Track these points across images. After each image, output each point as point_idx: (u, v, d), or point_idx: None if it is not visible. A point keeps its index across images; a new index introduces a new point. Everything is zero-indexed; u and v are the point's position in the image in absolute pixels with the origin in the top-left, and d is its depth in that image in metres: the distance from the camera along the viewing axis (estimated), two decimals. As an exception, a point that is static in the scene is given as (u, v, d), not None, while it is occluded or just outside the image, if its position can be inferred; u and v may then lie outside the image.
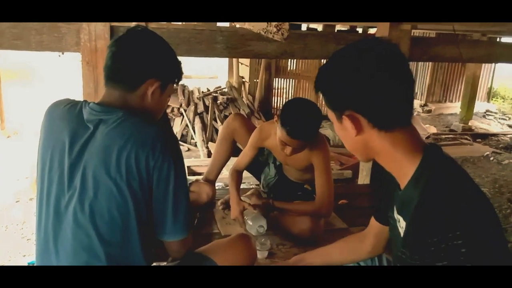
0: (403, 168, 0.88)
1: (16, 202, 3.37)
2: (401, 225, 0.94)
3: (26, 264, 2.47)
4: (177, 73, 1.24)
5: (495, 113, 8.16)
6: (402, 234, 0.93)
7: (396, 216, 0.97)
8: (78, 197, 1.05)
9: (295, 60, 7.09)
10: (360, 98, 0.85)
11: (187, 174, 2.24)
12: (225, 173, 2.60)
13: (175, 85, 1.27)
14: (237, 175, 2.23)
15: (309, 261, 1.38)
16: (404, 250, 0.90)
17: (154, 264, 1.30)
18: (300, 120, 1.83)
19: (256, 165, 2.35)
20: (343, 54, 0.91)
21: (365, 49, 0.88)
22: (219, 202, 2.34)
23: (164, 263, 1.33)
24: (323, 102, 0.93)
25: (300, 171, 2.24)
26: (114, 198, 1.03)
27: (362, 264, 1.38)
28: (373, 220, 1.27)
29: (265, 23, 2.32)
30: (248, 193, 2.38)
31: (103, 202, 1.03)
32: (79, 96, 1.98)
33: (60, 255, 1.07)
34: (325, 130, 5.86)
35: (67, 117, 1.13)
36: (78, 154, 1.07)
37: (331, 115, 0.93)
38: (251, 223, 2.02)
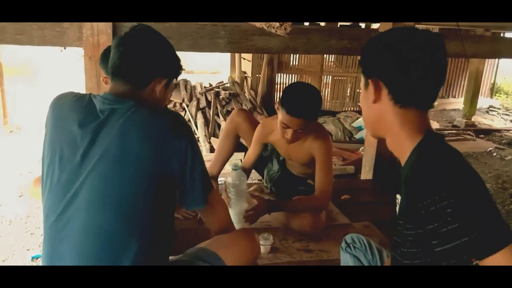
0: (405, 148, 0.94)
1: (20, 196, 3.39)
2: (399, 202, 0.99)
3: (30, 258, 2.49)
4: (180, 69, 1.30)
5: (498, 108, 8.13)
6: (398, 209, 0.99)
7: (397, 196, 1.02)
8: (91, 184, 1.06)
9: (297, 55, 7.07)
10: (388, 68, 0.94)
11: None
12: (228, 168, 2.60)
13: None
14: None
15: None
16: (400, 222, 0.95)
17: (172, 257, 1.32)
18: (299, 97, 1.87)
19: (259, 161, 2.35)
20: (393, 30, 1.00)
21: (412, 32, 0.96)
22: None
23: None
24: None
25: (303, 166, 2.24)
26: (128, 184, 1.06)
27: (363, 263, 1.39)
28: None
29: (268, 18, 2.31)
30: (251, 188, 2.39)
31: (116, 188, 1.06)
32: (81, 91, 1.98)
33: (70, 243, 1.07)
34: (328, 126, 5.86)
35: (76, 108, 1.15)
36: (90, 142, 1.08)
37: (362, 82, 1.02)
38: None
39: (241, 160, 2.50)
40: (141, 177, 1.07)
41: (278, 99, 2.32)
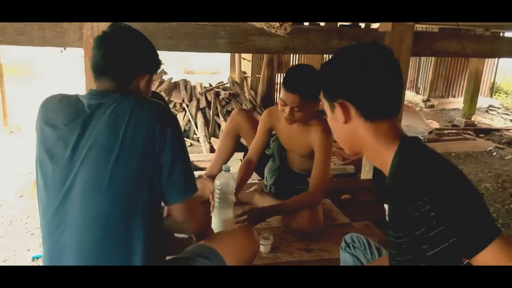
0: (385, 159, 0.97)
1: (20, 197, 3.39)
2: (388, 212, 1.00)
3: (31, 259, 2.50)
4: (159, 64, 1.35)
5: (498, 108, 8.13)
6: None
7: (385, 207, 1.04)
8: (84, 174, 1.09)
9: (297, 55, 7.07)
10: (351, 88, 0.96)
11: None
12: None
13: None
14: (246, 166, 2.22)
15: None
16: (390, 232, 0.97)
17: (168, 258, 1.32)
18: (296, 74, 1.97)
19: (260, 161, 2.35)
20: (340, 52, 1.02)
21: (362, 48, 1.00)
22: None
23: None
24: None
25: (303, 158, 2.25)
26: (119, 167, 1.08)
27: (363, 263, 1.40)
28: None
29: (268, 18, 2.32)
30: (252, 188, 2.39)
31: (108, 172, 1.08)
32: (81, 92, 1.98)
33: (71, 233, 1.10)
34: (328, 125, 5.85)
35: (63, 107, 1.18)
36: (79, 136, 1.12)
37: (326, 106, 1.04)
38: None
39: (241, 160, 2.49)
40: (130, 159, 1.09)
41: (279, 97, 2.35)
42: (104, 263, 1.08)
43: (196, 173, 2.97)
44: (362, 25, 6.46)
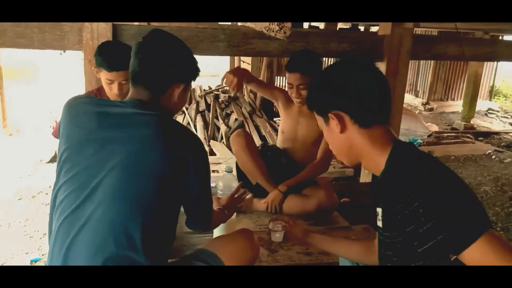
0: (379, 164, 1.00)
1: (19, 199, 3.39)
2: (381, 215, 1.03)
3: (29, 261, 2.49)
4: (197, 72, 1.33)
5: (497, 111, 8.15)
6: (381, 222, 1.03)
7: (377, 210, 1.06)
8: (110, 182, 1.09)
9: (296, 58, 7.06)
10: (344, 97, 1.01)
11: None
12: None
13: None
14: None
15: (317, 243, 1.48)
16: (386, 233, 1.00)
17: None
18: (294, 55, 2.23)
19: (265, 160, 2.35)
20: (327, 68, 1.08)
21: (347, 61, 1.06)
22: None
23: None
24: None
25: (308, 147, 2.34)
26: (143, 185, 1.10)
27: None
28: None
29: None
30: (247, 196, 2.36)
31: (134, 187, 1.09)
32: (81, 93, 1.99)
33: (84, 236, 1.09)
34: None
35: (95, 109, 1.18)
36: (110, 142, 1.12)
37: (320, 122, 1.08)
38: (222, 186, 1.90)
39: (237, 164, 2.46)
40: (155, 181, 1.10)
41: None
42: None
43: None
44: (362, 28, 6.48)
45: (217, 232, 1.77)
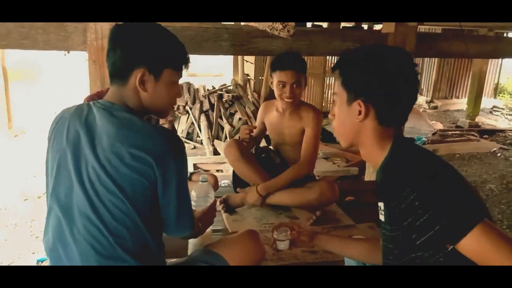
0: (378, 156, 1.02)
1: (25, 200, 3.41)
2: (383, 209, 1.03)
3: (36, 262, 2.50)
4: (170, 56, 1.15)
5: (502, 109, 8.10)
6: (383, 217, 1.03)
7: (379, 205, 1.05)
8: (86, 190, 1.08)
9: (300, 57, 7.05)
10: (383, 96, 0.98)
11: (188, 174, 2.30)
12: (230, 171, 2.59)
13: (179, 71, 1.20)
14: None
15: (324, 245, 1.43)
16: (388, 227, 1.00)
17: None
18: (285, 55, 2.24)
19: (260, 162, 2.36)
20: (371, 49, 1.03)
21: (390, 51, 1.02)
22: (218, 201, 2.23)
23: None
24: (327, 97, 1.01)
25: (295, 149, 2.34)
26: (125, 183, 1.06)
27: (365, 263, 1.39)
28: None
29: (271, 21, 2.33)
30: (247, 188, 2.37)
31: (109, 195, 1.06)
32: (85, 95, 1.99)
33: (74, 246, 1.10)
34: (331, 126, 5.85)
35: (76, 118, 1.14)
36: (81, 152, 1.10)
37: (341, 97, 1.03)
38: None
39: (234, 172, 2.46)
40: (137, 175, 1.06)
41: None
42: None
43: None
44: (365, 26, 6.46)
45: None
